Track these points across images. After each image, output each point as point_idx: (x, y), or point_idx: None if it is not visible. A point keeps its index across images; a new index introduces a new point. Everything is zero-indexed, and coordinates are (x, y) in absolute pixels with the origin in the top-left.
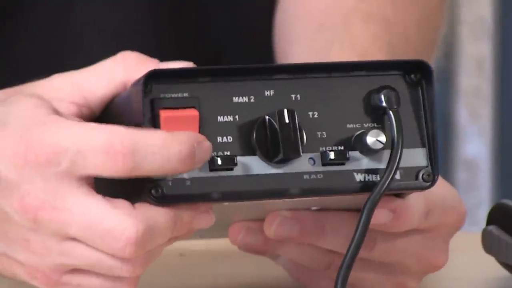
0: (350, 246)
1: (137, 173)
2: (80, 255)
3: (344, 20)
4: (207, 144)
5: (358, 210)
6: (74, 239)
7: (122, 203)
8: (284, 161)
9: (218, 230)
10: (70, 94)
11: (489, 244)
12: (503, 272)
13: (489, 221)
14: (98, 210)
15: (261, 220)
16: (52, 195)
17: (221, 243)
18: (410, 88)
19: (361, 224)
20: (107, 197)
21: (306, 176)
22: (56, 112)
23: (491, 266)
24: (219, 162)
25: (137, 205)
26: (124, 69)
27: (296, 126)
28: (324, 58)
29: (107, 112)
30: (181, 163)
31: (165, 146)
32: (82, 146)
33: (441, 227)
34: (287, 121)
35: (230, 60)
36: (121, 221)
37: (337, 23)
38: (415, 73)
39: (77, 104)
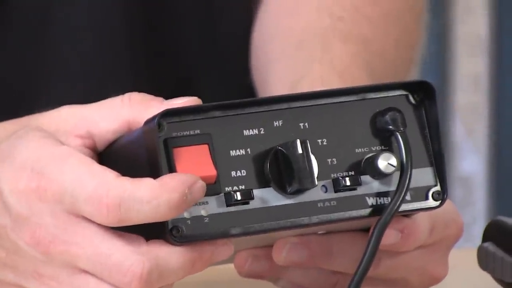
0: (358, 269)
1: (125, 224)
2: (92, 286)
3: (322, 39)
4: (199, 184)
5: (364, 230)
6: (85, 272)
7: (134, 239)
8: (299, 191)
9: None
10: (75, 127)
11: (485, 261)
12: None
13: (485, 238)
14: (107, 245)
15: (266, 246)
16: (61, 229)
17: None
18: (414, 108)
19: (370, 247)
20: (119, 232)
21: (320, 204)
22: (62, 143)
23: (487, 283)
24: (237, 197)
25: (150, 242)
26: (130, 108)
27: (310, 157)
28: (305, 77)
29: (112, 152)
30: (171, 211)
31: (153, 197)
32: (75, 191)
33: (442, 241)
34: (300, 151)
35: (205, 82)
36: (128, 256)
37: (316, 42)
38: (418, 93)
39: (81, 136)
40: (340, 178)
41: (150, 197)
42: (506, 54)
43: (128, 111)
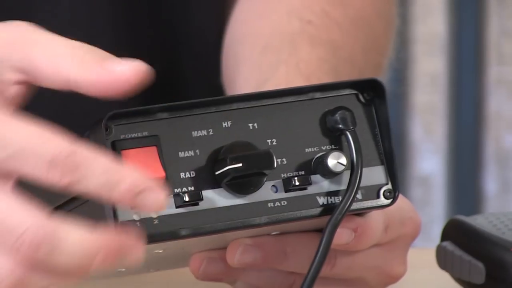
0: (310, 268)
1: (73, 190)
2: None
3: (290, 42)
4: (158, 196)
5: (318, 230)
6: None
7: (39, 205)
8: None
9: (176, 262)
10: (12, 58)
11: (443, 260)
12: None
13: (444, 237)
14: (8, 204)
15: (221, 248)
16: None
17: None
18: (364, 107)
19: (321, 247)
20: (24, 195)
21: (270, 204)
22: None
23: (446, 282)
24: (186, 198)
25: (56, 214)
26: (77, 69)
27: None
28: (270, 80)
29: None
30: (118, 195)
31: (111, 174)
32: (28, 147)
33: (399, 239)
34: None
35: (182, 80)
36: (26, 220)
37: (283, 45)
38: (368, 92)
39: (16, 70)
40: (290, 178)
41: (108, 174)
42: (464, 53)
43: (75, 73)
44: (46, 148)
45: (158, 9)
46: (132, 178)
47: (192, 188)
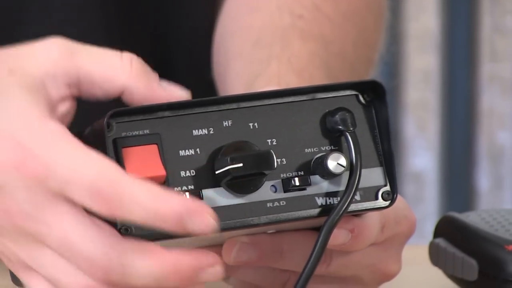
0: (305, 268)
1: (119, 219)
2: (48, 264)
3: (281, 36)
4: (205, 217)
5: (315, 229)
6: (47, 246)
7: (108, 231)
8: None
9: None
10: (65, 72)
11: (436, 257)
12: (451, 284)
13: (436, 234)
14: (80, 233)
15: (216, 245)
16: (33, 207)
17: None
18: (364, 108)
19: (317, 247)
20: (94, 219)
21: (269, 204)
22: (50, 104)
23: (439, 279)
24: (186, 197)
25: (126, 238)
26: (129, 75)
27: None
28: (262, 75)
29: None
30: (166, 225)
31: (153, 206)
32: (71, 177)
33: (394, 238)
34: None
35: (173, 74)
36: (98, 249)
37: (275, 40)
38: (368, 93)
39: (69, 84)
40: (289, 178)
41: (151, 204)
42: (457, 50)
43: (127, 78)
44: (86, 177)
45: (150, 5)
46: (178, 206)
47: (192, 187)
